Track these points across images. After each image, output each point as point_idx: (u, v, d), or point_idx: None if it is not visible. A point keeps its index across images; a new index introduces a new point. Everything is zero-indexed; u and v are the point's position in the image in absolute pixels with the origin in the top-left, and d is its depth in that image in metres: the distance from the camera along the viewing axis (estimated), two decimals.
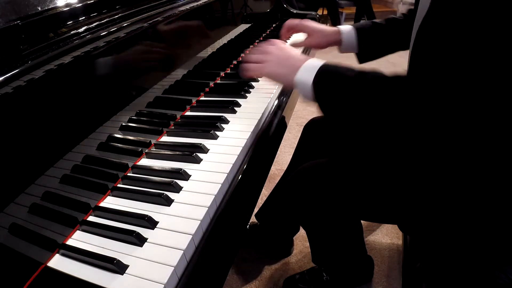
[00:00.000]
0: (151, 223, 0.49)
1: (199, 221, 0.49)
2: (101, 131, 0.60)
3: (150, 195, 0.54)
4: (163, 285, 0.41)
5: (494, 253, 0.63)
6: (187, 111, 0.81)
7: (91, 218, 0.53)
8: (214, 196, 0.54)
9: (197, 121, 0.77)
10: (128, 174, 0.61)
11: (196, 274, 0.45)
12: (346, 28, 0.93)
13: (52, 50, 0.52)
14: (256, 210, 1.22)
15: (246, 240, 1.26)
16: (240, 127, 0.72)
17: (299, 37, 1.20)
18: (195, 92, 0.87)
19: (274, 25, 1.49)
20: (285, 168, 1.16)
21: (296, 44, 1.00)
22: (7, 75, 0.44)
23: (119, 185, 0.58)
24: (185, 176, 0.58)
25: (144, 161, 0.64)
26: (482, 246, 0.62)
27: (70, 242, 0.49)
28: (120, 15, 0.69)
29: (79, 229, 0.51)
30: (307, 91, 0.64)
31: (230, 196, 0.57)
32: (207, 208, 0.51)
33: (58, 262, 0.46)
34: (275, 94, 0.86)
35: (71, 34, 0.57)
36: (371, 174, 0.70)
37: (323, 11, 4.07)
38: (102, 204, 0.55)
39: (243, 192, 0.59)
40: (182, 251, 0.45)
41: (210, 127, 0.71)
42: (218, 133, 0.70)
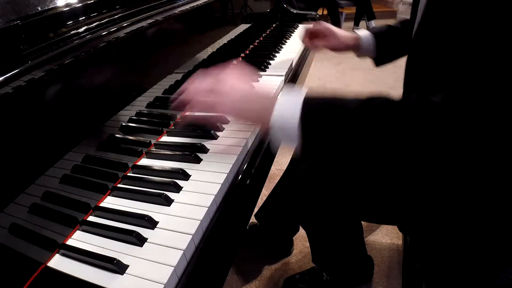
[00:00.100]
0: (151, 223, 0.49)
1: (199, 221, 0.49)
2: (101, 131, 0.60)
3: (150, 195, 0.54)
4: (163, 285, 0.41)
5: (494, 253, 0.63)
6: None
7: (91, 218, 0.53)
8: (214, 196, 0.54)
9: (197, 121, 0.76)
10: (128, 174, 0.61)
11: (196, 274, 0.45)
12: (365, 34, 0.95)
13: (52, 50, 0.52)
14: (256, 210, 1.22)
15: (246, 240, 1.26)
16: (241, 127, 0.72)
17: (296, 45, 1.20)
18: None
19: (274, 25, 1.49)
20: (285, 168, 1.16)
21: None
22: (7, 75, 0.44)
23: (119, 185, 0.58)
24: (185, 176, 0.58)
25: (144, 161, 0.64)
26: (482, 246, 0.62)
27: (70, 242, 0.49)
28: (120, 15, 0.69)
29: (79, 229, 0.51)
30: (289, 133, 0.52)
31: (230, 196, 0.57)
32: (207, 208, 0.51)
33: (58, 262, 0.46)
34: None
35: (71, 34, 0.57)
36: (371, 175, 0.70)
37: (323, 11, 4.07)
38: (102, 204, 0.55)
39: (243, 192, 0.59)
40: (182, 251, 0.45)
41: (210, 127, 0.71)
42: (218, 133, 0.70)
